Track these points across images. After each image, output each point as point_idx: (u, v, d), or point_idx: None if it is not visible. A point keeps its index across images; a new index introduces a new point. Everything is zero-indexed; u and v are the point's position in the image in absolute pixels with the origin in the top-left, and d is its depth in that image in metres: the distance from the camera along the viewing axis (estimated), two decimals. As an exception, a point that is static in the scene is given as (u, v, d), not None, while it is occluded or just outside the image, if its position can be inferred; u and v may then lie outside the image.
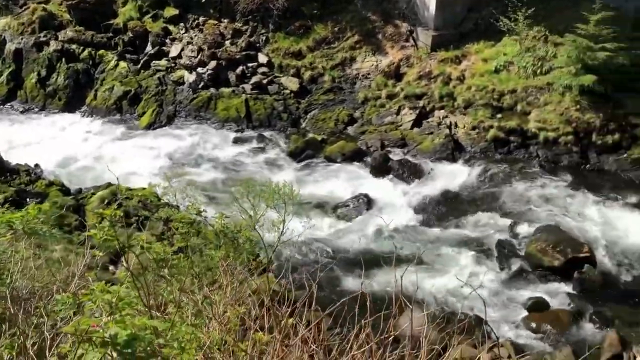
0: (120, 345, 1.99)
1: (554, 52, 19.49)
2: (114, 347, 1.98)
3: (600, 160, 17.89)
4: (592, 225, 15.17)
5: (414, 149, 19.51)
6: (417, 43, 22.78)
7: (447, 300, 13.04)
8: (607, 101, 18.30)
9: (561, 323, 12.08)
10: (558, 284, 13.26)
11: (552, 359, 11.18)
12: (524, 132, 18.88)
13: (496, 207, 16.29)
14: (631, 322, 12.07)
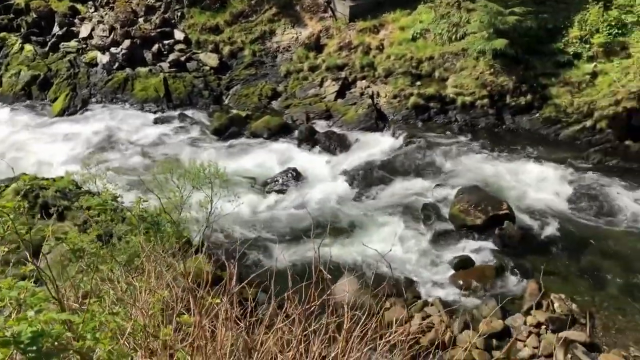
0: (24, 344, 1.89)
1: (467, 18, 20.05)
2: (17, 345, 1.88)
3: (515, 120, 18.72)
4: (510, 183, 15.92)
5: (339, 120, 19.65)
6: (336, 14, 22.78)
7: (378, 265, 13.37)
8: (518, 64, 19.08)
9: (486, 278, 12.68)
10: (481, 242, 13.86)
11: (479, 313, 11.74)
12: (442, 98, 19.43)
13: (420, 172, 16.75)
14: (548, 271, 12.81)
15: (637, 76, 17.77)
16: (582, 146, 17.37)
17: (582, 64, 18.74)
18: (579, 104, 18.00)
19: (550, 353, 10.64)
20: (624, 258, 13.11)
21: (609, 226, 14.16)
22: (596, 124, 17.63)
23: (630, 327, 11.33)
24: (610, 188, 15.40)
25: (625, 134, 17.32)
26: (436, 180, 16.29)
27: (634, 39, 18.63)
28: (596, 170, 16.34)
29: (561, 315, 11.42)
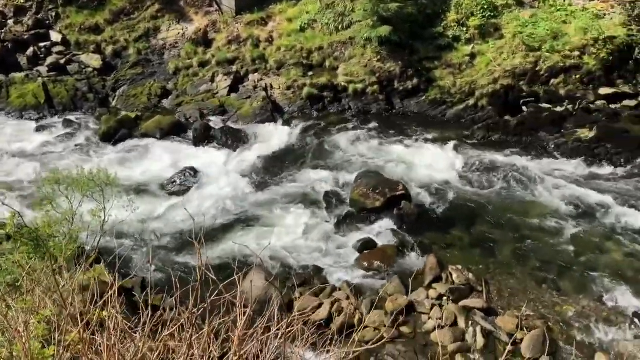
0: None
1: (352, 7, 20.49)
2: None
3: (404, 104, 19.44)
4: (404, 164, 16.54)
5: (234, 115, 19.43)
6: (221, 7, 22.42)
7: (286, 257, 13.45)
8: (403, 49, 19.81)
9: (388, 257, 13.11)
10: (382, 223, 14.29)
11: (385, 291, 12.12)
12: (335, 87, 19.77)
13: (319, 161, 16.97)
14: (445, 245, 13.53)
15: (510, 55, 19.07)
16: (467, 124, 18.39)
17: (461, 46, 19.80)
18: (461, 84, 19.02)
19: (453, 322, 11.23)
20: (512, 225, 14.06)
21: (496, 196, 15.11)
22: (478, 102, 18.72)
23: (521, 289, 12.19)
24: (494, 161, 16.42)
25: (504, 110, 18.54)
26: (335, 168, 16.58)
27: (505, 21, 19.95)
28: (481, 145, 17.37)
29: (460, 285, 12.06)
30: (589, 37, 18.73)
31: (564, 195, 14.86)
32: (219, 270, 11.53)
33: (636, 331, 10.98)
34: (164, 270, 12.38)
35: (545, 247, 13.30)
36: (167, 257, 13.13)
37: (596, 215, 14.19)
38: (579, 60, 18.68)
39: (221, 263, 12.48)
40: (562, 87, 18.56)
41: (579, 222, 13.97)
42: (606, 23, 19.03)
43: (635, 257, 12.85)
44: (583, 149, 16.67)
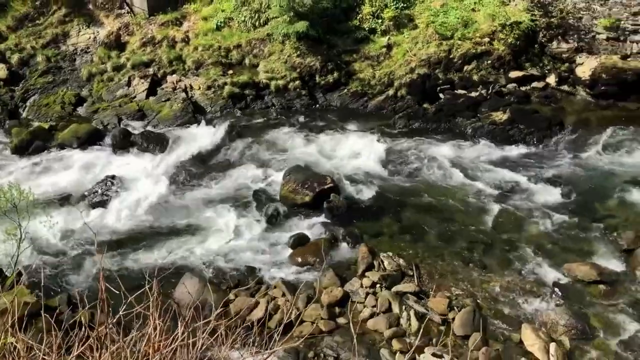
0: None
1: (267, 3, 20.42)
2: None
3: (327, 98, 19.63)
4: (330, 158, 16.72)
5: (154, 118, 18.93)
6: (133, 9, 21.75)
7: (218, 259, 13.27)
8: (321, 44, 19.97)
9: (321, 251, 13.16)
10: (313, 217, 14.38)
11: (319, 284, 12.22)
12: (256, 84, 19.67)
13: (245, 160, 16.85)
14: (375, 234, 13.78)
15: (425, 45, 19.64)
16: (388, 114, 18.81)
17: (378, 38, 20.21)
18: (380, 75, 19.42)
19: (387, 308, 11.48)
20: (437, 209, 14.53)
21: (420, 182, 15.56)
22: (397, 92, 19.19)
23: (450, 270, 12.62)
24: (416, 148, 16.90)
25: (423, 98, 19.11)
26: (262, 166, 16.51)
27: (418, 11, 20.53)
28: (403, 133, 17.82)
29: (391, 271, 12.34)
30: (496, 23, 19.60)
31: (483, 177, 15.52)
32: (136, 280, 11.23)
33: (556, 300, 11.64)
34: (90, 285, 11.91)
35: (469, 228, 13.83)
36: (91, 271, 12.62)
37: (514, 193, 14.90)
38: (489, 46, 19.52)
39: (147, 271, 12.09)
40: (475, 73, 19.34)
41: (499, 201, 14.62)
42: (511, 9, 19.97)
43: (550, 231, 13.61)
44: (498, 131, 17.45)
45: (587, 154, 16.42)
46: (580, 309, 11.44)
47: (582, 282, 12.03)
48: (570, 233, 13.53)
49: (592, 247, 13.10)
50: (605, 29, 19.09)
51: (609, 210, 14.34)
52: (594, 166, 15.93)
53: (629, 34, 18.98)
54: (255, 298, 11.93)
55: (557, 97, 19.02)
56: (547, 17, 19.63)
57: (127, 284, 5.16)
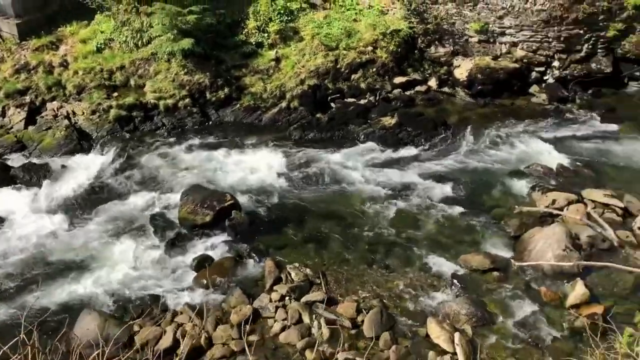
0: None
1: (148, 22, 19.85)
2: None
3: (219, 114, 19.39)
4: (229, 174, 16.50)
5: (35, 149, 17.75)
6: (2, 34, 20.31)
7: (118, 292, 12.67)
8: (209, 60, 19.74)
9: (227, 270, 13.00)
10: (215, 237, 14.11)
11: (228, 305, 12.01)
12: (144, 105, 19.04)
13: (139, 184, 16.23)
14: (280, 247, 13.78)
15: (312, 56, 20.02)
16: (282, 126, 18.92)
17: (266, 51, 20.32)
18: (271, 88, 19.51)
19: (298, 320, 11.50)
20: (338, 216, 14.78)
21: (320, 190, 15.78)
22: (290, 104, 19.37)
23: (355, 274, 12.89)
24: (313, 158, 17.14)
25: (315, 108, 19.43)
26: (157, 189, 15.97)
27: (302, 24, 20.89)
28: (299, 144, 17.99)
29: (299, 282, 12.39)
30: (377, 32, 20.39)
31: (379, 180, 16.03)
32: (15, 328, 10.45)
33: (456, 291, 12.24)
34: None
35: (370, 231, 14.21)
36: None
37: (408, 193, 15.50)
38: (373, 54, 20.26)
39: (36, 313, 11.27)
40: (362, 81, 19.99)
41: (395, 201, 15.15)
42: (390, 18, 20.87)
43: (444, 226, 14.31)
44: (388, 135, 18.11)
45: (470, 150, 17.45)
46: (478, 296, 12.11)
47: (477, 271, 12.75)
48: (463, 226, 14.30)
49: (483, 237, 13.93)
50: (476, 33, 20.46)
51: (495, 201, 15.32)
52: (478, 160, 16.97)
53: (497, 36, 20.49)
54: (162, 327, 11.50)
55: (439, 98, 20.10)
56: (423, 24, 20.72)
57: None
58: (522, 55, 20.45)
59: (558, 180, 15.86)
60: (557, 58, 20.49)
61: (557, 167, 16.33)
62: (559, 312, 11.67)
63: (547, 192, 15.04)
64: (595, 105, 19.52)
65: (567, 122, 18.81)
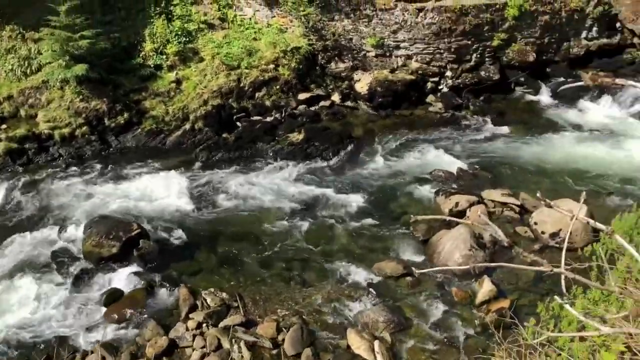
0: None
1: (37, 48, 18.85)
2: None
3: (121, 140, 18.69)
4: (133, 201, 15.90)
5: None
6: None
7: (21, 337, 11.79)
8: (106, 85, 19.01)
9: (139, 302, 12.47)
10: (124, 269, 13.51)
11: (143, 338, 11.52)
12: (38, 136, 18.00)
13: (38, 220, 15.27)
14: (193, 272, 13.43)
15: (214, 76, 19.84)
16: (188, 148, 18.54)
17: (165, 73, 19.89)
18: (174, 111, 19.10)
19: (217, 346, 11.23)
20: (252, 236, 14.65)
21: (231, 211, 15.58)
22: (194, 125, 19.04)
23: (273, 292, 12.80)
24: (222, 178, 16.92)
25: (221, 128, 19.23)
26: (59, 223, 15.09)
27: (202, 44, 20.67)
28: (207, 166, 17.69)
29: (216, 307, 12.11)
30: (278, 50, 20.57)
31: (290, 196, 16.09)
32: None
33: (372, 299, 12.47)
34: None
35: (285, 247, 14.20)
36: None
37: (320, 207, 15.68)
38: (275, 72, 20.40)
39: None
40: (267, 99, 20.06)
41: (308, 216, 15.26)
42: (290, 36, 21.14)
43: (357, 236, 14.58)
44: (297, 150, 18.25)
45: (376, 160, 17.97)
46: (394, 302, 12.41)
47: (391, 278, 13.08)
48: (375, 234, 14.63)
49: (395, 244, 14.32)
50: (373, 47, 21.18)
51: (403, 208, 15.82)
52: (384, 170, 17.50)
53: (393, 49, 21.33)
54: (70, 370, 10.82)
55: (343, 112, 20.57)
56: (322, 41, 21.16)
57: None
58: (417, 67, 21.41)
59: (459, 183, 16.67)
60: (449, 68, 21.64)
61: (457, 171, 17.16)
62: (470, 310, 12.19)
63: (450, 196, 15.76)
64: (487, 111, 20.76)
65: (462, 128, 19.87)
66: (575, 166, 17.49)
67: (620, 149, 18.40)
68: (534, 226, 14.72)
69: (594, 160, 17.76)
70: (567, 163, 17.67)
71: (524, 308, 11.79)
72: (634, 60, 23.68)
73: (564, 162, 17.75)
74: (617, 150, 18.33)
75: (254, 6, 21.80)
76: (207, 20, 21.43)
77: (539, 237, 14.34)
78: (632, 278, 7.47)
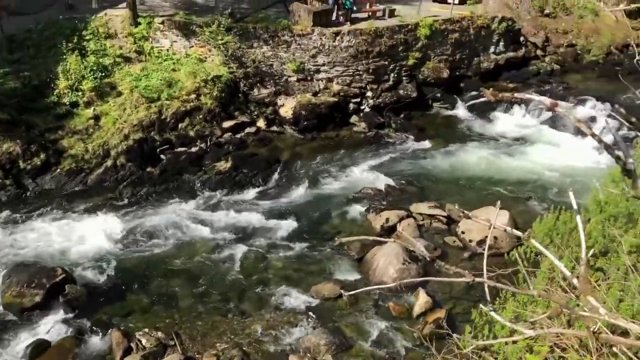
0: None
1: (-63, 92, 17.75)
2: None
3: (38, 183, 17.78)
4: (59, 245, 15.09)
5: None
6: None
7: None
8: (18, 126, 18.11)
9: (68, 352, 11.83)
10: (50, 317, 12.79)
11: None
12: (-56, 184, 16.82)
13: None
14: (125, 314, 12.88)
15: (134, 110, 19.36)
16: (111, 186, 17.87)
17: (82, 110, 19.22)
18: (94, 148, 18.43)
19: (156, 389, 10.79)
20: (184, 269, 14.27)
21: (162, 247, 15.10)
22: (116, 161, 18.43)
23: (211, 327, 12.50)
24: (150, 214, 16.40)
25: (144, 162, 18.72)
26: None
27: (119, 78, 20.17)
28: (132, 202, 17.11)
29: (152, 348, 11.68)
30: (199, 79, 20.41)
31: (222, 226, 15.84)
32: None
33: (312, 323, 12.43)
34: None
35: (221, 279, 13.93)
36: None
37: (253, 234, 15.53)
38: (198, 101, 20.20)
39: None
40: (190, 129, 19.78)
41: (242, 245, 15.06)
42: (209, 65, 21.04)
43: (292, 260, 14.54)
44: (225, 179, 18.05)
45: (306, 183, 18.05)
46: (334, 324, 12.42)
47: (329, 300, 13.10)
48: (310, 257, 14.65)
49: (330, 265, 14.39)
50: (294, 72, 21.44)
51: (335, 228, 15.96)
52: (315, 192, 17.61)
53: (314, 73, 21.68)
54: None
55: (269, 138, 20.60)
56: (243, 68, 21.21)
57: None
58: (338, 89, 21.83)
59: (388, 199, 17.03)
60: (369, 89, 22.23)
61: (385, 187, 17.54)
62: (408, 324, 12.39)
63: (380, 212, 16.06)
64: (408, 127, 21.43)
65: (387, 145, 20.38)
66: (495, 174, 18.33)
67: (534, 155, 19.47)
68: (462, 235, 15.24)
69: (511, 168, 18.69)
70: (487, 172, 18.49)
71: (459, 316, 12.13)
72: (539, 71, 25.30)
73: (484, 171, 18.56)
74: (531, 157, 19.38)
75: (171, 37, 21.58)
76: (123, 53, 20.99)
77: (467, 246, 14.85)
78: (555, 277, 7.87)
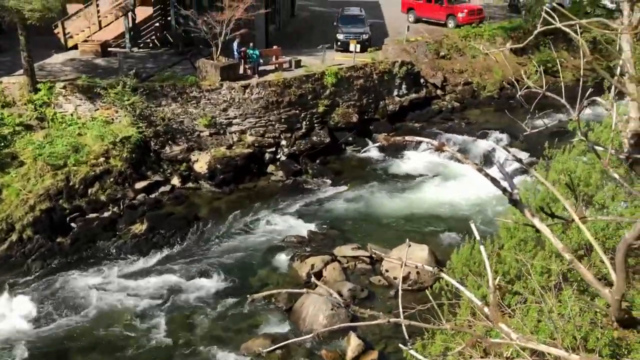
0: None
1: None
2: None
3: None
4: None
5: None
6: None
7: None
8: None
9: None
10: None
11: None
12: None
13: None
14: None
15: (39, 179, 18.43)
16: (19, 261, 16.70)
17: (-20, 184, 18.04)
18: (-5, 223, 17.28)
19: None
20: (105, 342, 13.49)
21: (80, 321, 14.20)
22: (22, 235, 17.35)
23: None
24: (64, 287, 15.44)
25: (54, 233, 17.73)
26: None
27: (20, 147, 19.22)
28: (43, 275, 16.04)
29: None
30: (107, 142, 19.82)
31: (142, 292, 15.16)
32: None
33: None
34: None
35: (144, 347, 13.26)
36: None
37: (176, 297, 14.98)
38: (107, 164, 19.55)
39: None
40: (101, 194, 19.04)
41: (165, 309, 14.47)
42: (117, 127, 20.53)
43: (219, 319, 14.13)
44: (142, 242, 17.39)
45: (227, 237, 17.77)
46: (268, 380, 12.07)
47: (262, 356, 12.76)
48: (237, 314, 14.29)
49: (259, 319, 14.09)
50: (206, 127, 21.35)
51: (262, 280, 15.74)
52: (236, 246, 17.33)
53: (226, 126, 21.68)
54: None
55: (185, 195, 20.19)
56: (153, 127, 20.86)
57: None
58: (252, 140, 21.92)
59: (312, 245, 17.05)
60: (283, 137, 22.48)
61: (308, 234, 17.59)
62: (343, 369, 12.28)
63: (305, 259, 16.04)
64: (324, 172, 21.77)
65: (305, 191, 20.54)
66: (411, 210, 18.90)
67: (445, 188, 20.31)
68: (386, 274, 15.48)
69: (426, 203, 19.36)
70: (403, 209, 19.03)
71: (391, 356, 12.19)
72: (440, 109, 26.73)
73: (401, 208, 19.10)
74: (443, 190, 20.19)
75: (74, 102, 20.96)
76: (23, 121, 20.09)
77: (392, 284, 15.07)
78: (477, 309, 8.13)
